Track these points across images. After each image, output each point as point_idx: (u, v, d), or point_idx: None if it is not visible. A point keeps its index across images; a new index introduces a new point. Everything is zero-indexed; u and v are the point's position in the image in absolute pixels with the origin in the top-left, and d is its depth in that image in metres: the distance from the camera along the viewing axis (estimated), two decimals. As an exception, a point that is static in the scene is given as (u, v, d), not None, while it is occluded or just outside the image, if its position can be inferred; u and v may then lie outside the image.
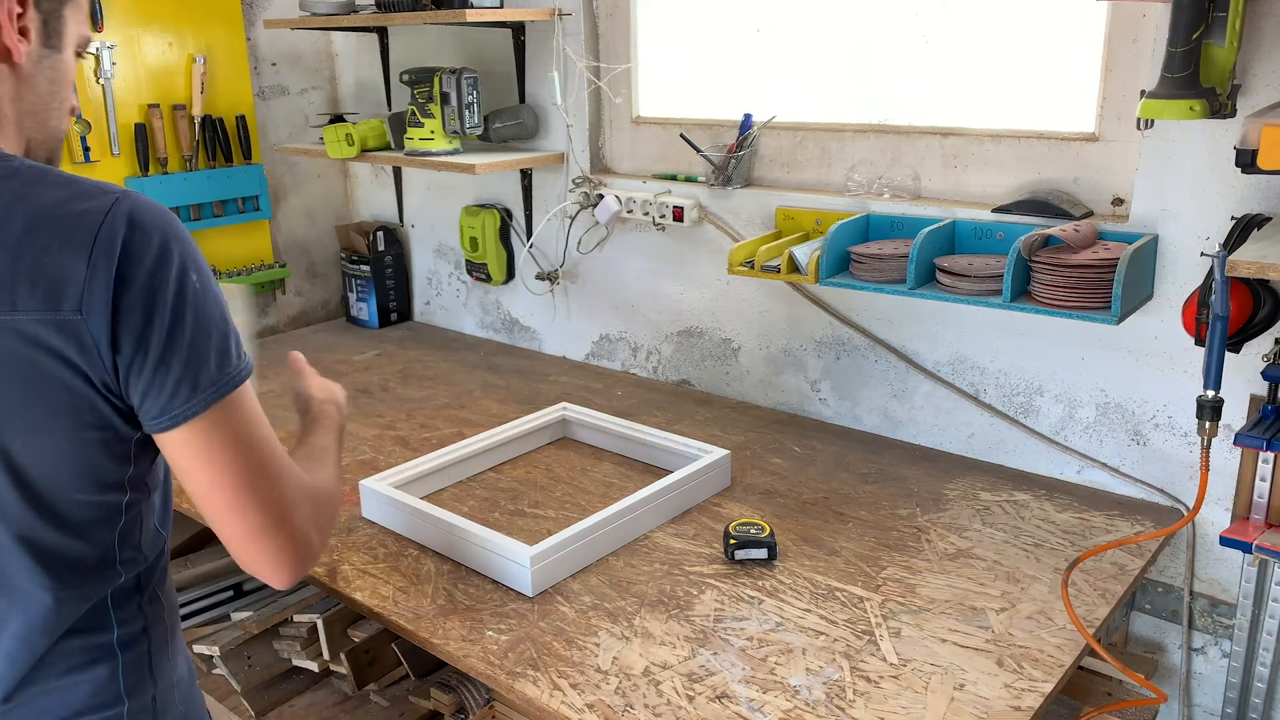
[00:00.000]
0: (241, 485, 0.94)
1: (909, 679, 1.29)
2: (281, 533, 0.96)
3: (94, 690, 0.98)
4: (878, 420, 2.11)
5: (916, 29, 1.96)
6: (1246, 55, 1.51)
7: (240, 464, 0.93)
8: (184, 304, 0.88)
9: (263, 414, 0.97)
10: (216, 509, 0.95)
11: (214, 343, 0.91)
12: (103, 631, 0.99)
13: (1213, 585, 1.75)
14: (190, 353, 0.89)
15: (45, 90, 0.98)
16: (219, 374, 0.91)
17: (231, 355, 0.92)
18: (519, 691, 1.29)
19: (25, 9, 0.94)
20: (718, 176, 2.19)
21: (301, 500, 0.99)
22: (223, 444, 0.92)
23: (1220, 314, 1.35)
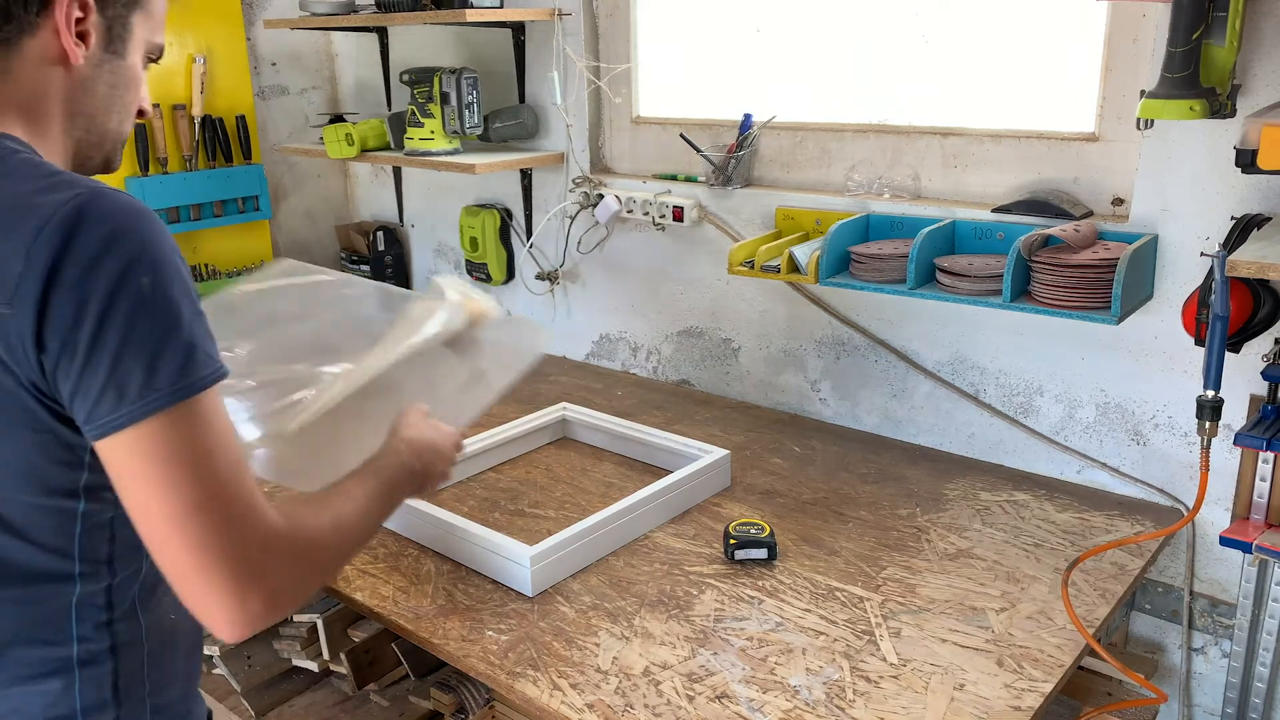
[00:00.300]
0: (175, 515, 0.84)
1: (909, 679, 1.29)
2: (220, 577, 0.84)
3: (46, 704, 0.94)
4: (878, 420, 2.11)
5: (916, 29, 1.96)
6: (1246, 55, 1.51)
7: (176, 491, 0.83)
8: (118, 305, 0.81)
9: (223, 439, 0.87)
10: (148, 537, 0.86)
11: (151, 351, 0.82)
12: (61, 645, 0.94)
13: (1213, 585, 1.75)
14: (119, 359, 0.82)
15: (103, 94, 0.99)
16: (149, 387, 0.82)
17: (172, 368, 0.83)
18: (519, 691, 1.29)
19: (87, 14, 0.94)
20: (718, 176, 2.19)
21: (262, 544, 0.87)
22: (155, 464, 0.83)
23: (1220, 314, 1.35)
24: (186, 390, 0.84)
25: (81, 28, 0.95)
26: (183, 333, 0.84)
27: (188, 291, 0.86)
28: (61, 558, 0.92)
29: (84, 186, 0.85)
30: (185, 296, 0.85)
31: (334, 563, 0.99)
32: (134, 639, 0.97)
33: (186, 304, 0.85)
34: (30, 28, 0.92)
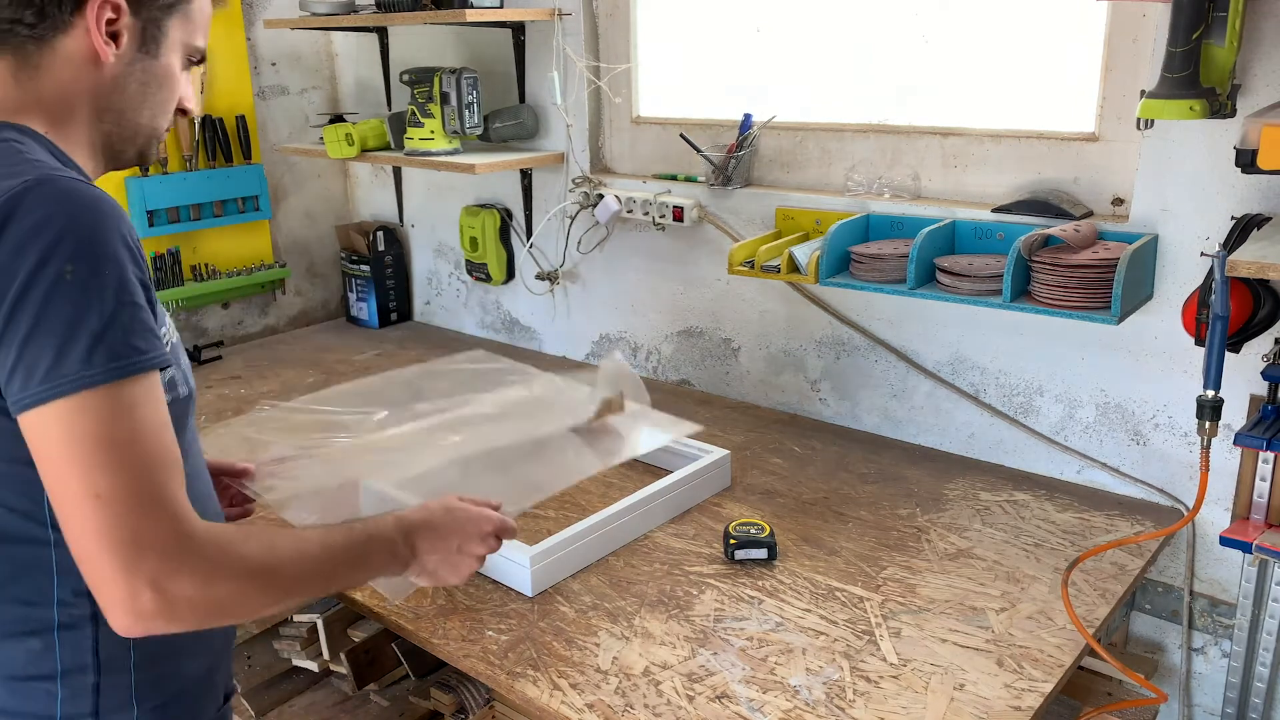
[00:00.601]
0: (76, 497, 0.85)
1: (909, 679, 1.29)
2: (111, 567, 0.84)
3: (28, 659, 0.98)
4: (878, 420, 2.11)
5: (916, 29, 1.96)
6: (1246, 55, 1.51)
7: (79, 475, 0.84)
8: (35, 289, 0.84)
9: (140, 431, 0.87)
10: (58, 515, 0.87)
11: (62, 336, 0.84)
12: (42, 606, 0.97)
13: (1213, 585, 1.75)
14: (29, 340, 0.84)
15: (134, 91, 1.03)
16: (55, 371, 0.84)
17: (80, 354, 0.84)
18: (519, 691, 1.29)
19: (119, 16, 0.99)
20: (718, 176, 2.19)
21: (164, 544, 0.86)
22: (60, 446, 0.85)
23: (1220, 314, 1.35)
24: (94, 379, 0.85)
25: (113, 28, 0.99)
26: (99, 321, 0.85)
27: (119, 282, 0.87)
28: (33, 522, 0.94)
29: (36, 174, 0.88)
30: (113, 287, 0.86)
31: (249, 593, 0.92)
32: None
33: (112, 294, 0.86)
34: (64, 26, 0.97)
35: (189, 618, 0.88)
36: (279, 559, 0.96)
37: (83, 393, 0.84)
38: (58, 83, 0.99)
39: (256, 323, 3.02)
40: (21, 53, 0.99)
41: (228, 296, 2.91)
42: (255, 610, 0.95)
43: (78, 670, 0.98)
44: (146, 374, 0.88)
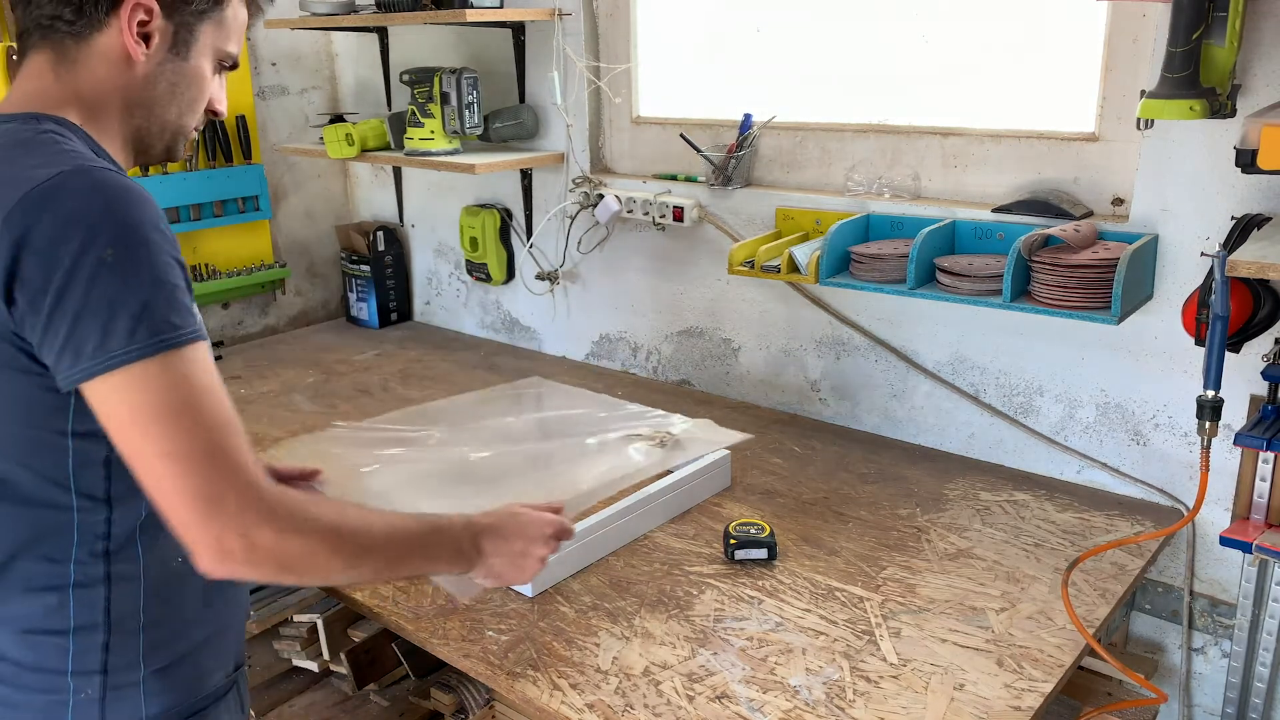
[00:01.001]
0: (145, 461, 0.93)
1: (909, 679, 1.29)
2: (195, 522, 0.92)
3: (44, 614, 1.03)
4: (878, 420, 2.11)
5: (916, 29, 1.96)
6: (1246, 55, 1.51)
7: (146, 438, 0.92)
8: (79, 272, 0.90)
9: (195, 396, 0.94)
10: (137, 477, 0.94)
11: (107, 315, 0.90)
12: (62, 563, 1.02)
13: (1213, 585, 1.75)
14: (78, 319, 0.90)
15: (164, 90, 1.09)
16: (102, 348, 0.90)
17: (125, 331, 0.90)
18: (519, 691, 1.29)
19: (152, 18, 1.04)
20: (718, 176, 2.19)
21: (238, 491, 0.93)
22: (122, 416, 0.92)
23: (1220, 314, 1.35)
24: (138, 353, 0.91)
25: (145, 29, 1.05)
26: (139, 300, 0.91)
27: (155, 264, 0.93)
28: (60, 488, 1.00)
29: (73, 165, 0.94)
30: (150, 268, 0.93)
31: (319, 552, 0.99)
32: (130, 573, 1.05)
33: (149, 275, 0.92)
34: (100, 24, 1.03)
35: (266, 566, 0.95)
36: (349, 526, 1.03)
37: (129, 366, 0.91)
38: (94, 78, 1.05)
39: (256, 323, 3.02)
40: (61, 48, 1.05)
41: (228, 296, 2.91)
42: (324, 571, 1.01)
43: (89, 627, 1.04)
44: (188, 345, 0.94)
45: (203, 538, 0.92)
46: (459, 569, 1.19)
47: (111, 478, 1.02)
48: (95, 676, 1.06)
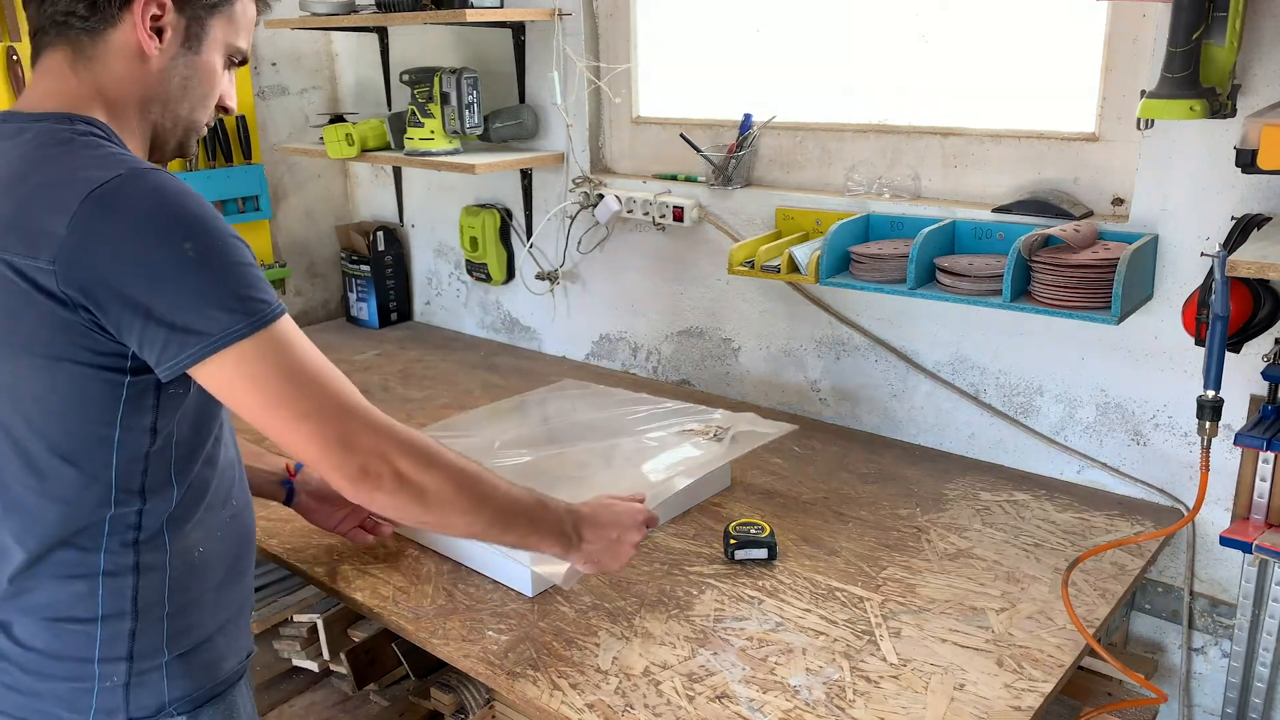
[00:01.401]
0: (280, 428, 1.01)
1: (909, 679, 1.29)
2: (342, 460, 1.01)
3: (73, 601, 1.07)
4: (878, 420, 2.11)
5: (916, 29, 1.96)
6: (1246, 55, 1.51)
7: (272, 408, 1.00)
8: (164, 270, 0.95)
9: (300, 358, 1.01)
10: (279, 445, 1.03)
11: (200, 304, 0.96)
12: (93, 552, 1.06)
13: (1213, 585, 1.75)
14: (176, 314, 0.95)
15: (176, 86, 1.11)
16: (205, 336, 0.96)
17: (222, 316, 0.96)
18: (519, 691, 1.29)
19: (164, 13, 1.07)
20: (718, 176, 2.19)
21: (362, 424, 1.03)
22: (245, 393, 0.99)
23: (1220, 314, 1.35)
24: (240, 333, 0.97)
25: (158, 24, 1.07)
26: (230, 284, 0.97)
27: (231, 249, 0.99)
28: (99, 482, 1.04)
29: (126, 166, 0.98)
30: (229, 253, 0.98)
31: (449, 490, 1.09)
32: (157, 563, 1.10)
33: (229, 260, 0.98)
34: (113, 20, 1.05)
35: (406, 493, 1.06)
36: (472, 472, 1.13)
37: (239, 344, 0.97)
38: (112, 75, 1.07)
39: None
40: (77, 44, 1.07)
41: (228, 296, 2.91)
42: (450, 508, 1.10)
43: (117, 615, 1.08)
44: (282, 317, 1.01)
45: (349, 471, 1.02)
46: (557, 549, 1.26)
47: (148, 471, 1.07)
48: (121, 663, 1.09)
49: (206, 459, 1.15)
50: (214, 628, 1.16)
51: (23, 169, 0.99)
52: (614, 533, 1.32)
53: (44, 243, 0.95)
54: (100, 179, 0.95)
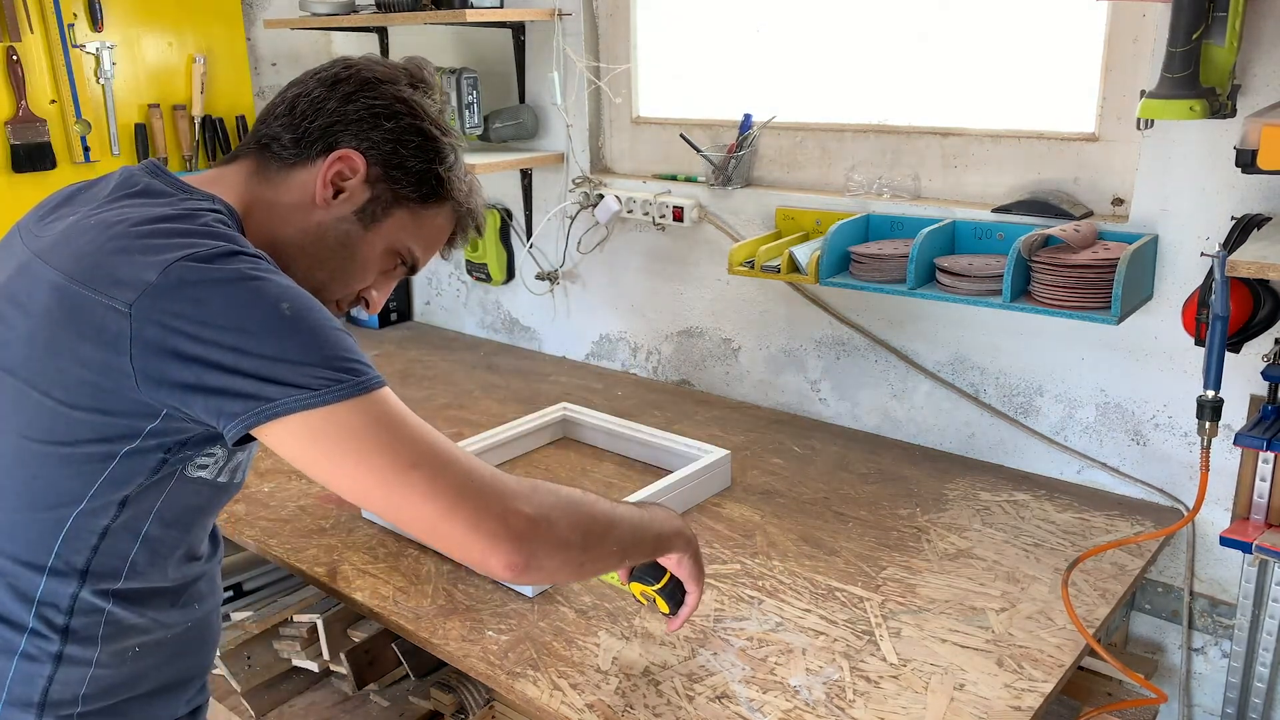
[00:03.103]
0: (389, 481, 0.91)
1: (909, 679, 1.29)
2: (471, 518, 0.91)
3: None
4: (878, 420, 2.11)
5: (915, 29, 1.96)
6: (1246, 55, 1.51)
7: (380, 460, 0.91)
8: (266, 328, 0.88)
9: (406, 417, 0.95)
10: (384, 509, 0.94)
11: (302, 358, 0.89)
12: (14, 628, 0.96)
13: (1213, 585, 1.75)
14: (269, 366, 0.88)
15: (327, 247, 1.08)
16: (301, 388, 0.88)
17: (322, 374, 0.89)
18: (519, 691, 1.29)
19: (353, 176, 1.06)
20: (718, 176, 2.19)
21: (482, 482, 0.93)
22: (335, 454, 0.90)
23: (1220, 314, 1.35)
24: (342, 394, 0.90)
25: (341, 183, 1.06)
26: (326, 345, 0.90)
27: (326, 317, 0.93)
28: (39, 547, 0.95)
29: (238, 245, 0.93)
30: (324, 319, 0.92)
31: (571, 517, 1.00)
32: (81, 657, 0.99)
33: (329, 324, 0.92)
34: (307, 161, 1.06)
35: (544, 536, 0.96)
36: (581, 497, 1.05)
37: (338, 404, 0.89)
38: (278, 203, 1.06)
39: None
40: (265, 166, 1.07)
41: (228, 296, 2.91)
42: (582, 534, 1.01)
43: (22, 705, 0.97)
44: (383, 388, 0.94)
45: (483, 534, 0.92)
46: (680, 549, 1.21)
47: (99, 550, 0.97)
48: None
49: (187, 554, 1.06)
50: (142, 701, 1.05)
51: (141, 218, 0.94)
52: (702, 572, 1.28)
53: (129, 285, 0.87)
54: (206, 246, 0.90)
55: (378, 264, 1.12)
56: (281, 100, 1.09)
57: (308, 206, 1.06)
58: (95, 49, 2.50)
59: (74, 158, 2.49)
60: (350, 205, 1.07)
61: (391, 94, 1.07)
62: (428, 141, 1.09)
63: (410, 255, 1.13)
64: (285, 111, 1.08)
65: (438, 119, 1.11)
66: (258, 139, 1.08)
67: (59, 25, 2.42)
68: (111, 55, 2.53)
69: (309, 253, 1.07)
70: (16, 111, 2.38)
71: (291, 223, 1.06)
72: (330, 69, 1.09)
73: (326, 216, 1.06)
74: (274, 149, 1.07)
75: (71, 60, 2.45)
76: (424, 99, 1.10)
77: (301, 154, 1.06)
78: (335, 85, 1.07)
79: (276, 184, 1.07)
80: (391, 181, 1.08)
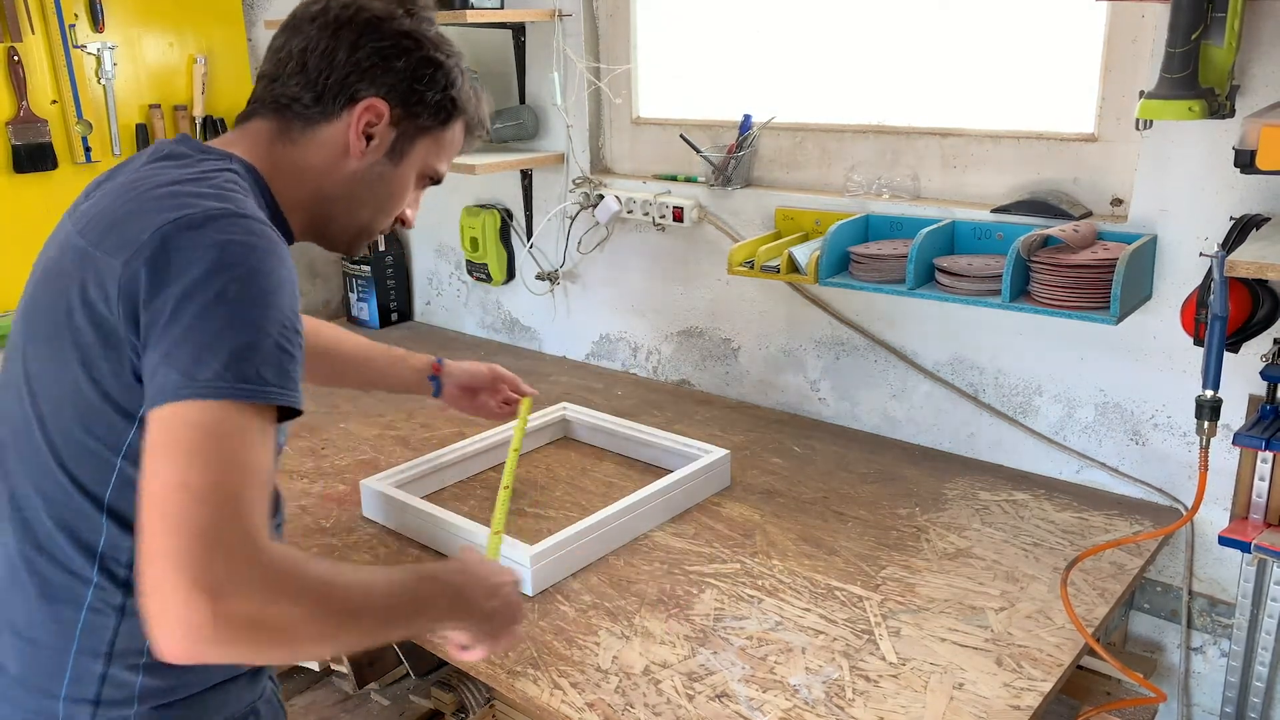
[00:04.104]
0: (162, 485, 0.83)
1: (908, 678, 1.29)
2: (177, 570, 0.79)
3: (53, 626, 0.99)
4: (877, 420, 2.12)
5: (916, 29, 1.96)
6: (1245, 55, 1.52)
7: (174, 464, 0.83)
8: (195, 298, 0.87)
9: (244, 457, 0.85)
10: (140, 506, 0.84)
11: (204, 347, 0.86)
12: (80, 578, 0.98)
13: (1211, 585, 1.75)
14: (179, 344, 0.86)
15: (364, 189, 1.13)
16: (189, 376, 0.85)
17: (217, 368, 0.85)
18: (519, 690, 1.30)
19: (379, 121, 1.10)
20: (718, 177, 2.19)
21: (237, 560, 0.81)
22: (168, 438, 0.85)
23: (1219, 314, 1.36)
24: (220, 392, 0.85)
25: (369, 130, 1.10)
26: (243, 343, 0.87)
27: (271, 320, 0.89)
28: (97, 499, 0.97)
29: (237, 208, 0.95)
30: (264, 320, 0.89)
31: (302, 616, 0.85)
32: None
33: (261, 326, 0.88)
34: (331, 116, 1.09)
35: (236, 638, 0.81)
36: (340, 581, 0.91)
37: (207, 401, 0.85)
38: (304, 160, 1.10)
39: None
40: (286, 125, 1.10)
41: (228, 296, 2.91)
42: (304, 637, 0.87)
43: (90, 654, 0.99)
44: (268, 407, 0.88)
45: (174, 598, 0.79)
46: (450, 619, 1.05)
47: None
48: (87, 707, 1.00)
49: None
50: (202, 686, 1.05)
51: (156, 182, 0.97)
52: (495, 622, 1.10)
53: (128, 245, 0.91)
54: (200, 209, 0.92)
55: (408, 190, 1.18)
56: (289, 55, 1.11)
57: (340, 159, 1.10)
58: (96, 49, 2.50)
59: (75, 158, 2.50)
60: (381, 149, 1.12)
61: (394, 30, 1.09)
62: (438, 70, 1.12)
63: (437, 173, 1.20)
64: (297, 69, 1.10)
65: (439, 42, 1.13)
66: (274, 99, 1.11)
67: (60, 26, 2.42)
68: (112, 56, 2.53)
69: (348, 199, 1.13)
70: (18, 112, 2.38)
71: (328, 176, 1.11)
72: (327, 10, 1.10)
73: (360, 164, 1.11)
74: (295, 109, 1.09)
75: (73, 61, 2.46)
76: (422, 25, 1.12)
77: (325, 109, 1.09)
78: (338, 32, 1.09)
79: (303, 143, 1.10)
80: (413, 116, 1.12)
